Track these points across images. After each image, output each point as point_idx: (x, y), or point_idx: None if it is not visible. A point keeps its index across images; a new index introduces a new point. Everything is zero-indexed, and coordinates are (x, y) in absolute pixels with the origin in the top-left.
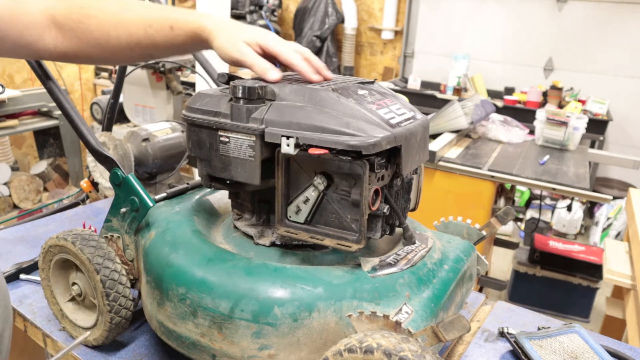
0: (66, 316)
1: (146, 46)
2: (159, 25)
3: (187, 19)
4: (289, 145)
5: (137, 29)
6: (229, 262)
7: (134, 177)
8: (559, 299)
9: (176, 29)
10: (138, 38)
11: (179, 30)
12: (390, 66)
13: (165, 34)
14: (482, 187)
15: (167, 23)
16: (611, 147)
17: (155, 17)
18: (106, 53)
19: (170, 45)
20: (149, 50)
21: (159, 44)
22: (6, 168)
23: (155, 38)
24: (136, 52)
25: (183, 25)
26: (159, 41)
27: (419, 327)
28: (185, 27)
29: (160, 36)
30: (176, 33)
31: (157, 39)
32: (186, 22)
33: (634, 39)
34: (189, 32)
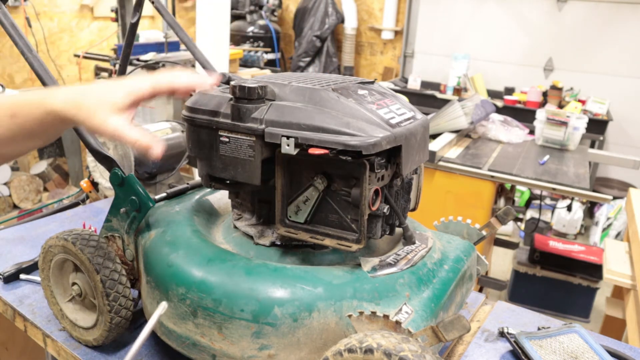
0: (66, 316)
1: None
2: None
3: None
4: (289, 145)
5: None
6: (229, 262)
7: (134, 177)
8: (559, 299)
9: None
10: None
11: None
12: (390, 66)
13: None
14: (482, 187)
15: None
16: (611, 147)
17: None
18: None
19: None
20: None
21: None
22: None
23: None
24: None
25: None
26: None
27: (419, 327)
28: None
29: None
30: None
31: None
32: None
33: (634, 39)
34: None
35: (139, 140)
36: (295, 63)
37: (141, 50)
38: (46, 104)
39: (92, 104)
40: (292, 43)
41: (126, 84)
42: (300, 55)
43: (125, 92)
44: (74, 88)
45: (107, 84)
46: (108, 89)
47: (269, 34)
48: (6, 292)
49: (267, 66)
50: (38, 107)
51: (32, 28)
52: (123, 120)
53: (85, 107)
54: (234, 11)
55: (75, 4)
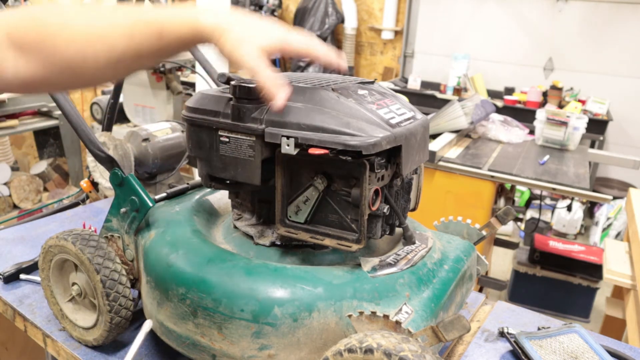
0: (66, 316)
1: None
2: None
3: (177, 20)
4: (289, 145)
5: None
6: (229, 262)
7: (134, 177)
8: (559, 299)
9: (166, 36)
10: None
11: (170, 37)
12: (390, 66)
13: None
14: (482, 187)
15: (154, 29)
16: (611, 147)
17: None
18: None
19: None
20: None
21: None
22: (6, 168)
23: (141, 50)
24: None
25: (174, 29)
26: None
27: (419, 327)
28: (177, 32)
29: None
30: (166, 41)
31: (143, 51)
32: (177, 25)
33: (634, 39)
34: (183, 38)
35: (269, 84)
36: (295, 63)
37: None
38: (195, 25)
39: (242, 37)
40: None
41: (280, 30)
42: None
43: (276, 38)
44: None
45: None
46: (261, 27)
47: None
48: (6, 292)
49: None
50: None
51: None
52: (264, 61)
53: (233, 36)
54: None
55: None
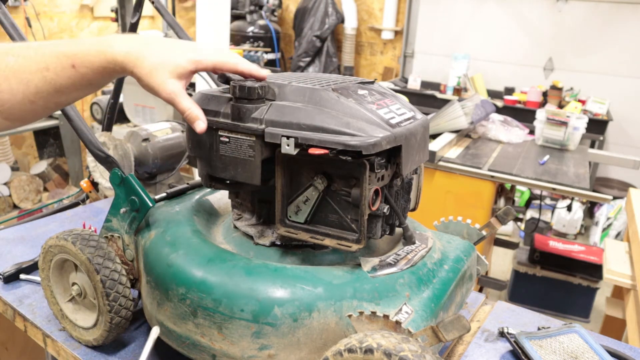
0: (66, 316)
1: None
2: (57, 65)
3: (90, 51)
4: (289, 145)
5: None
6: (229, 262)
7: (134, 177)
8: (559, 299)
9: (79, 66)
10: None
11: (84, 68)
12: (390, 66)
13: (68, 75)
14: (482, 187)
15: (67, 61)
16: (611, 147)
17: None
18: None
19: (79, 87)
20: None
21: (64, 89)
22: (6, 168)
23: (56, 82)
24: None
25: (86, 60)
26: (62, 85)
27: (419, 327)
28: (89, 62)
29: (63, 79)
30: (81, 72)
31: (59, 83)
32: (89, 55)
33: (634, 39)
34: (97, 68)
35: (189, 110)
36: (295, 63)
37: None
38: (107, 54)
39: (154, 63)
40: (292, 43)
41: (192, 50)
42: (300, 55)
43: (189, 59)
44: (135, 39)
45: (172, 43)
46: (173, 50)
47: (269, 34)
48: (6, 292)
49: (267, 66)
50: (99, 57)
51: (32, 28)
52: (180, 86)
53: (146, 64)
54: (234, 11)
55: (75, 4)
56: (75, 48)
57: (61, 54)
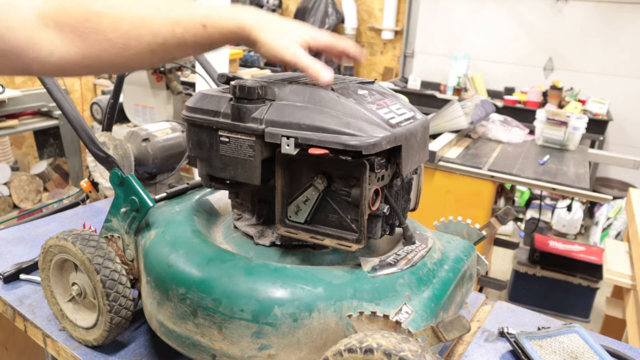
0: (66, 316)
1: (172, 48)
2: (188, 23)
3: (222, 15)
4: (289, 146)
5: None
6: (229, 262)
7: (134, 177)
8: (559, 299)
9: (209, 27)
10: (164, 38)
11: (213, 29)
12: (390, 66)
13: (196, 32)
14: (482, 187)
15: (198, 20)
16: (611, 147)
17: (183, 13)
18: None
19: (201, 46)
20: (174, 52)
21: (189, 45)
22: (6, 168)
23: (184, 38)
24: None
25: (217, 23)
26: (188, 41)
27: (419, 327)
28: (220, 25)
29: (191, 35)
30: (209, 32)
31: (186, 39)
32: (220, 19)
33: (634, 39)
34: (225, 31)
35: (312, 66)
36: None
37: None
38: (238, 18)
39: (279, 30)
40: None
41: (311, 29)
42: None
43: (309, 35)
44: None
45: (291, 21)
46: (294, 25)
47: None
48: (6, 292)
49: (267, 66)
50: (230, 20)
51: None
52: (302, 50)
53: (272, 30)
54: None
55: None
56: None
57: (193, 13)
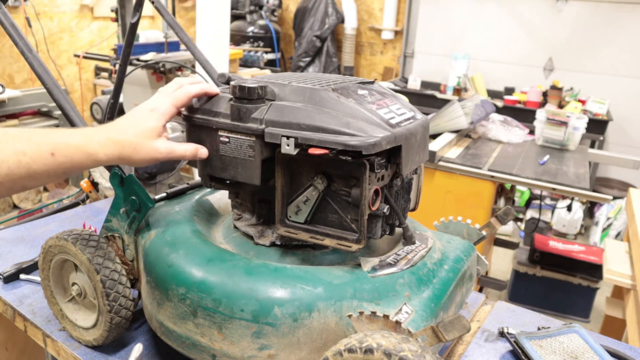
0: (66, 316)
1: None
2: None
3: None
4: (289, 146)
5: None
6: (229, 262)
7: (134, 177)
8: (559, 299)
9: (58, 155)
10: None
11: (63, 158)
12: (390, 66)
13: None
14: (482, 187)
15: (46, 149)
16: (611, 147)
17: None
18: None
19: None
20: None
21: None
22: None
23: (31, 168)
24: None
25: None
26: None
27: (419, 327)
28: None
29: (39, 165)
30: (60, 161)
31: (34, 169)
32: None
33: (634, 39)
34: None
35: (187, 151)
36: (295, 63)
37: (141, 50)
38: (88, 150)
39: (133, 138)
40: (292, 43)
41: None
42: (300, 55)
43: (156, 117)
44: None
45: (135, 114)
46: (140, 119)
47: (269, 34)
48: (6, 292)
49: (267, 66)
50: (78, 151)
51: (32, 28)
52: (165, 141)
53: (127, 144)
54: (234, 11)
55: (75, 4)
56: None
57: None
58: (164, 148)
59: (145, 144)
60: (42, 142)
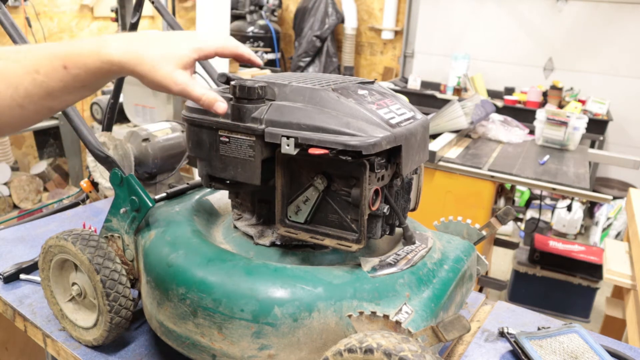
0: (66, 316)
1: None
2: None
3: (82, 51)
4: (289, 146)
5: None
6: (229, 262)
7: (133, 177)
8: (559, 299)
9: (71, 67)
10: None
11: (76, 69)
12: (390, 66)
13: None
14: (482, 187)
15: (58, 63)
16: (611, 147)
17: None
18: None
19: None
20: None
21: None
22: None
23: (48, 85)
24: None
25: (78, 61)
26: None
27: (419, 327)
28: (82, 64)
29: (54, 81)
30: (73, 73)
31: (50, 86)
32: (81, 56)
33: (634, 39)
34: (91, 69)
35: (205, 96)
36: (295, 63)
37: None
38: (102, 54)
39: (156, 57)
40: (292, 43)
41: (192, 38)
42: (300, 55)
43: (191, 48)
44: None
45: (170, 35)
46: (173, 42)
47: (269, 34)
48: (6, 292)
49: (267, 66)
50: (92, 57)
51: (32, 28)
52: (188, 76)
53: (148, 60)
54: (234, 11)
55: (75, 4)
56: (68, 49)
57: (52, 55)
58: (181, 80)
59: (165, 68)
60: (54, 55)
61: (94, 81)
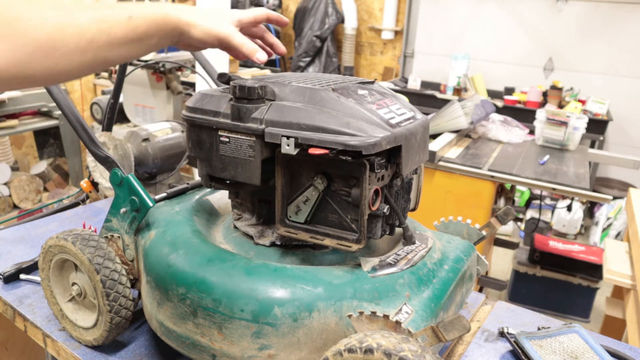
0: (66, 316)
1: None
2: (114, 17)
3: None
4: (289, 146)
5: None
6: (229, 262)
7: (134, 177)
8: (559, 299)
9: (135, 18)
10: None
11: (139, 20)
12: (390, 66)
13: (122, 26)
14: (482, 187)
15: (124, 13)
16: (611, 147)
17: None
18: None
19: (130, 40)
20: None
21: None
22: (6, 168)
23: (111, 33)
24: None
25: (142, 14)
26: (116, 36)
27: (419, 327)
28: (146, 16)
29: (118, 29)
30: (136, 23)
31: (113, 34)
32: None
33: (634, 39)
34: (152, 21)
35: (246, 45)
36: (295, 63)
37: None
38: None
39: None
40: (292, 43)
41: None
42: (300, 55)
43: (235, 16)
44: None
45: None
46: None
47: None
48: (6, 292)
49: (267, 66)
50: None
51: None
52: (235, 28)
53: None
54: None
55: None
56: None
57: (119, 6)
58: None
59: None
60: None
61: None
